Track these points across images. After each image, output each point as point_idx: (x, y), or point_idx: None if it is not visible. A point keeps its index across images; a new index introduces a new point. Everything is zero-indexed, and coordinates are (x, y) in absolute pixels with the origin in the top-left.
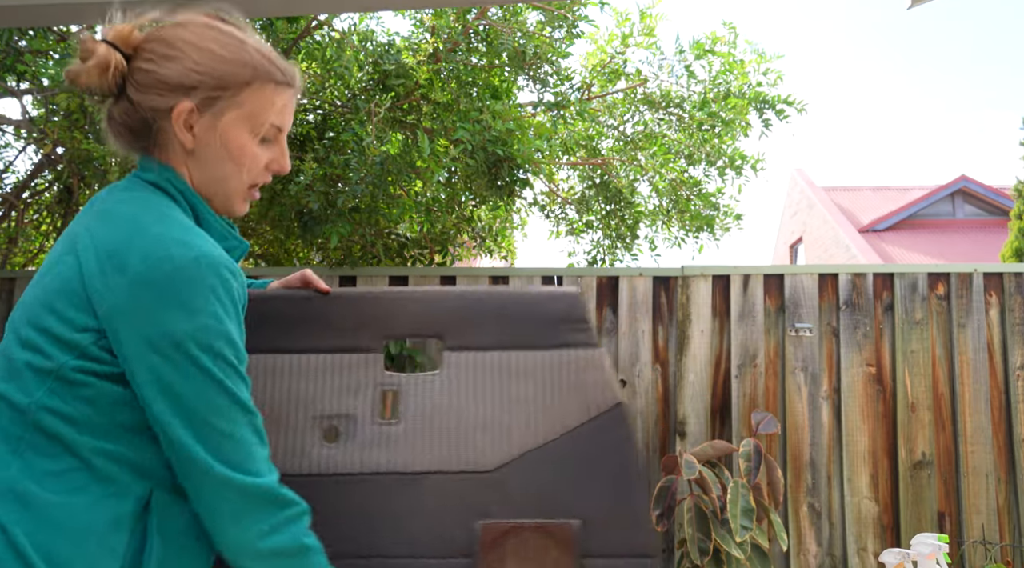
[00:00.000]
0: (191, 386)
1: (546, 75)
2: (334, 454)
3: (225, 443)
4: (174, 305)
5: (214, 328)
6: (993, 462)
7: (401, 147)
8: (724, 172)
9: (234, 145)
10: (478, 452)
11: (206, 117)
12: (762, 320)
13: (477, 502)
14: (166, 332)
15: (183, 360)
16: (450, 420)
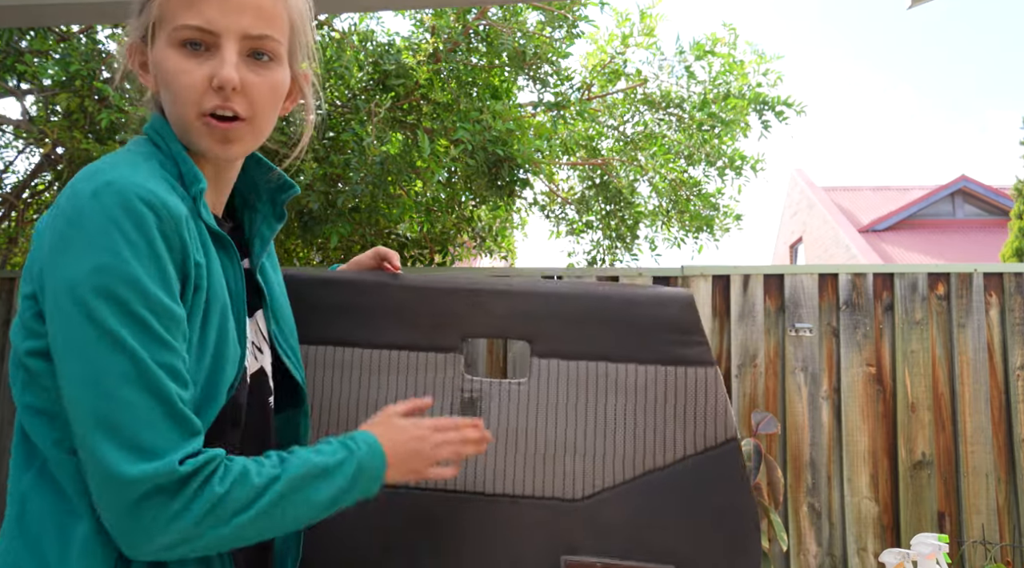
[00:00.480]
0: (82, 342)
1: (546, 75)
2: None
3: (116, 414)
4: (72, 245)
5: (112, 268)
6: (993, 462)
7: (401, 147)
8: (724, 172)
9: (163, 68)
10: (566, 478)
11: (147, 50)
12: (762, 320)
13: (562, 534)
14: (63, 279)
15: (75, 310)
16: (536, 438)
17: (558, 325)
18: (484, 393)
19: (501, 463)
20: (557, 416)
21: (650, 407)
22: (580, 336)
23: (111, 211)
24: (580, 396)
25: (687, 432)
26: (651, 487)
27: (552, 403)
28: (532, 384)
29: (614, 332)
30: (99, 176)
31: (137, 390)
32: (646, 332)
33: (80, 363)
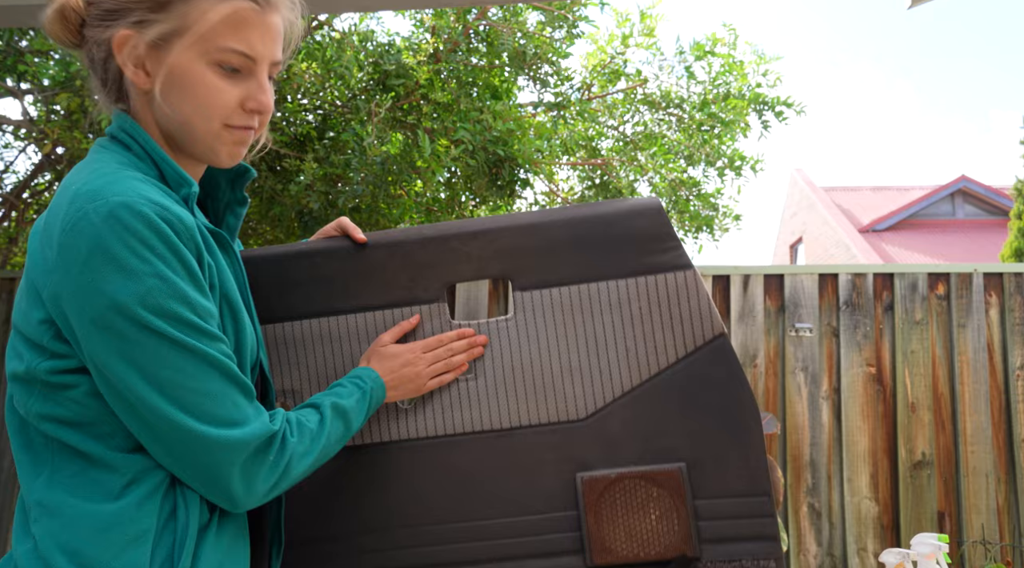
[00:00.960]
0: (152, 354)
1: (546, 75)
2: (413, 419)
3: (205, 402)
4: (108, 271)
5: (162, 289)
6: (993, 462)
7: (402, 147)
8: (723, 173)
9: (188, 80)
10: (568, 401)
11: (155, 50)
12: (762, 320)
13: (573, 454)
14: (109, 303)
15: (135, 329)
16: (533, 369)
17: (534, 256)
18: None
19: (503, 399)
20: (549, 344)
21: (636, 319)
22: (557, 263)
23: (136, 231)
24: (568, 320)
25: (676, 336)
26: (650, 394)
27: (541, 332)
28: (519, 318)
29: (590, 252)
30: (105, 196)
31: (213, 379)
32: (621, 246)
33: (155, 373)
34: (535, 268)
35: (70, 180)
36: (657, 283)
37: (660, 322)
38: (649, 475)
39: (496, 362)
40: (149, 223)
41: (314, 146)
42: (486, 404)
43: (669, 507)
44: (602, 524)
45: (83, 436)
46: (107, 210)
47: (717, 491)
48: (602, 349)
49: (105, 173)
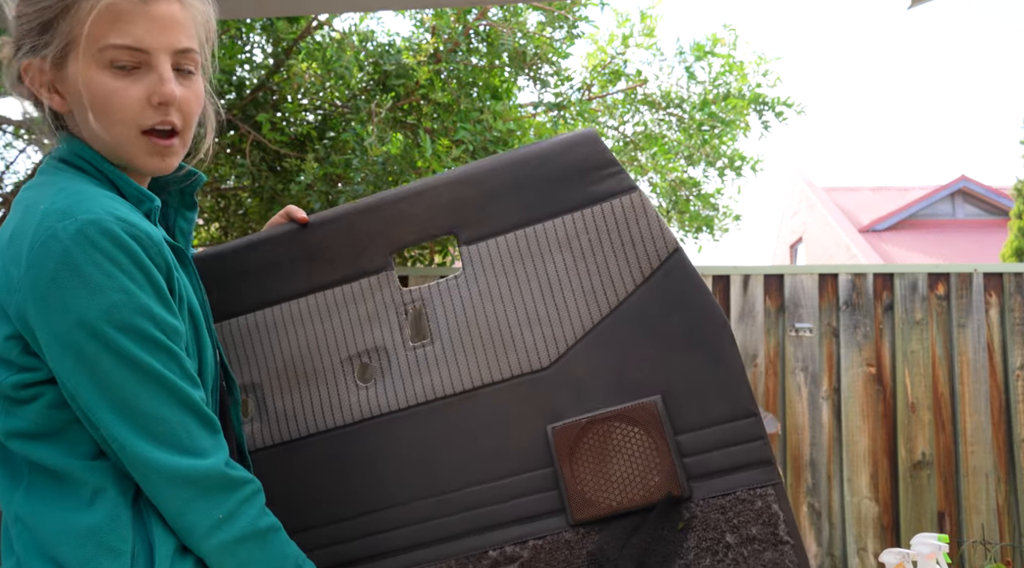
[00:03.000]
0: (113, 373)
1: (546, 75)
2: (374, 394)
3: (158, 427)
4: (73, 287)
5: (126, 304)
6: (993, 462)
7: (402, 147)
8: (723, 173)
9: (90, 90)
10: (530, 350)
11: (57, 70)
12: (762, 320)
13: (542, 405)
14: (75, 320)
15: (99, 346)
16: (489, 324)
17: (476, 207)
18: (426, 300)
19: (462, 360)
20: (503, 296)
21: (588, 252)
22: (500, 210)
23: (104, 249)
24: (518, 267)
25: (630, 262)
26: (614, 328)
27: (493, 284)
28: (469, 273)
29: (531, 193)
30: (74, 213)
31: (171, 406)
32: (561, 182)
33: (114, 393)
34: (478, 220)
35: (34, 200)
36: (604, 212)
37: (612, 251)
38: (623, 414)
39: (451, 322)
40: (116, 240)
41: (314, 146)
42: (444, 368)
43: (648, 445)
44: (579, 475)
45: (47, 448)
46: (75, 228)
47: (698, 421)
48: (557, 291)
49: (73, 192)
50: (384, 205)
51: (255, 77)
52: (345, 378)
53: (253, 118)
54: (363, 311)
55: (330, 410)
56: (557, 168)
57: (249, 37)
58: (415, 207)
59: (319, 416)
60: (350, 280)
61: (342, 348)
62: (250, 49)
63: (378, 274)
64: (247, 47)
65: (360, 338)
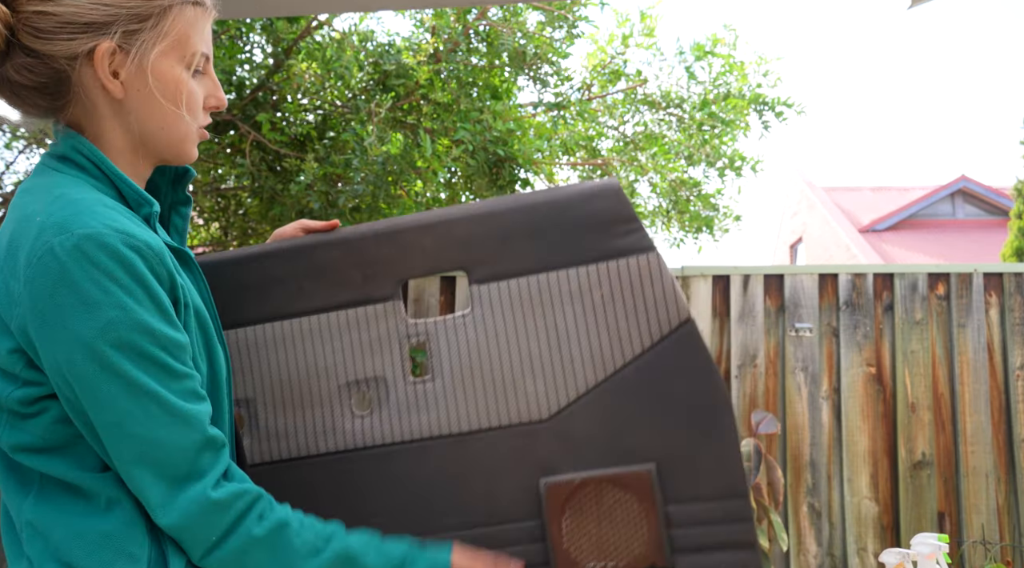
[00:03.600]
0: (108, 392)
1: (546, 75)
2: (368, 424)
3: (149, 450)
4: (71, 304)
5: (123, 321)
6: (993, 462)
7: (402, 147)
8: (724, 173)
9: (171, 84)
10: (530, 400)
11: (131, 58)
12: (762, 320)
13: (538, 457)
14: (72, 338)
15: (95, 365)
16: (492, 367)
17: (490, 246)
18: (431, 334)
19: (462, 400)
20: (508, 340)
21: (599, 308)
22: (514, 252)
23: (101, 264)
24: (527, 314)
25: (640, 325)
26: (616, 389)
27: (500, 328)
28: (477, 313)
29: (547, 239)
30: (71, 228)
31: (167, 427)
32: (579, 232)
33: (111, 413)
34: (491, 259)
35: (31, 208)
36: (619, 268)
37: (624, 311)
38: (617, 478)
39: (454, 361)
40: (114, 254)
41: (314, 146)
42: (443, 406)
43: (639, 513)
44: (567, 533)
45: (56, 461)
46: (72, 244)
47: (690, 494)
48: (564, 343)
49: (70, 201)
50: (397, 233)
51: (255, 77)
52: (341, 404)
53: (253, 118)
54: (365, 338)
55: (323, 434)
56: (576, 217)
57: (249, 37)
58: (428, 239)
59: (311, 439)
60: (355, 305)
61: (340, 373)
62: (250, 49)
63: (384, 303)
64: (247, 47)
65: (360, 365)
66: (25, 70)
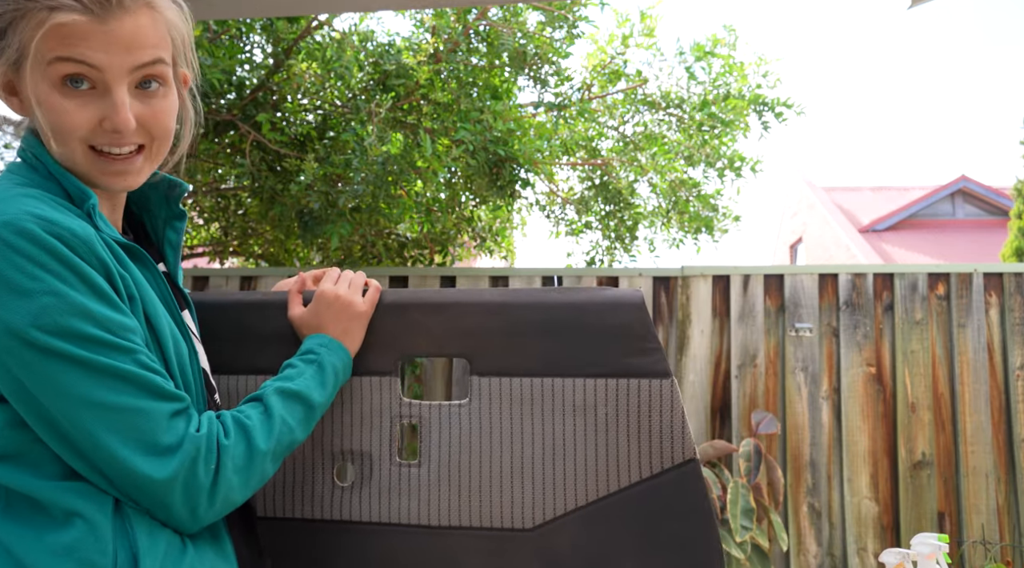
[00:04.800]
0: (60, 377)
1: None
2: (348, 498)
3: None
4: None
5: (57, 306)
6: (993, 462)
7: (402, 147)
8: (723, 173)
9: (42, 103)
10: (515, 506)
11: (15, 75)
12: (762, 320)
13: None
14: (5, 330)
15: (34, 353)
16: (482, 464)
17: (498, 339)
18: (423, 418)
19: (444, 492)
20: (502, 439)
21: (601, 426)
22: (523, 350)
23: (24, 250)
24: (526, 416)
25: (642, 453)
26: (605, 514)
27: (496, 425)
28: (474, 406)
29: (559, 343)
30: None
31: (129, 394)
32: (594, 341)
33: (70, 398)
34: (497, 353)
35: None
36: (629, 389)
37: (627, 434)
38: None
39: (444, 450)
40: (35, 240)
41: (314, 146)
42: (426, 495)
43: None
44: None
45: (9, 470)
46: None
47: None
48: (559, 454)
49: (7, 194)
50: (404, 308)
51: (255, 77)
52: (324, 472)
53: (253, 118)
54: (358, 410)
55: (300, 499)
56: (592, 325)
57: (249, 37)
58: (434, 321)
59: (287, 500)
60: (355, 374)
61: (327, 441)
62: (250, 49)
63: (382, 376)
64: (247, 47)
65: (349, 437)
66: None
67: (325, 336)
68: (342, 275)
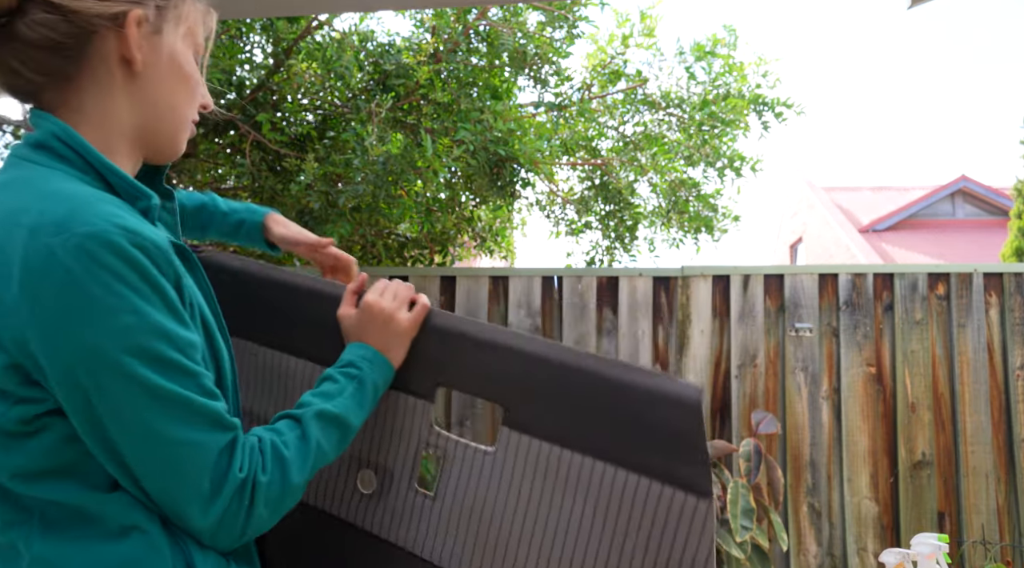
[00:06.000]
0: (132, 403)
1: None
2: (364, 506)
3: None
4: (80, 312)
5: (139, 326)
6: (993, 462)
7: (402, 147)
8: (723, 173)
9: (185, 66)
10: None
11: (154, 34)
12: (762, 320)
13: None
14: (86, 349)
15: (114, 375)
16: (492, 518)
17: (539, 395)
18: (448, 453)
19: (449, 534)
20: (519, 502)
21: (622, 524)
22: (561, 415)
23: (110, 265)
24: (547, 485)
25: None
26: None
27: (516, 484)
28: (499, 456)
29: (602, 421)
30: (70, 227)
31: (189, 426)
32: (636, 430)
33: (136, 423)
34: (535, 409)
35: (12, 205)
36: (662, 495)
37: (646, 543)
38: None
39: (459, 492)
40: (121, 253)
41: (314, 146)
42: (432, 530)
43: None
44: None
45: (59, 485)
46: (75, 244)
47: None
48: (570, 537)
49: (64, 197)
50: (449, 336)
51: (255, 77)
52: (350, 474)
53: (253, 118)
54: (389, 424)
55: (323, 492)
56: (643, 414)
57: (249, 37)
58: (476, 357)
59: (313, 488)
60: (393, 387)
61: (356, 444)
62: (250, 49)
63: (417, 398)
64: (247, 47)
65: (375, 447)
66: (43, 27)
67: (369, 348)
68: (388, 287)
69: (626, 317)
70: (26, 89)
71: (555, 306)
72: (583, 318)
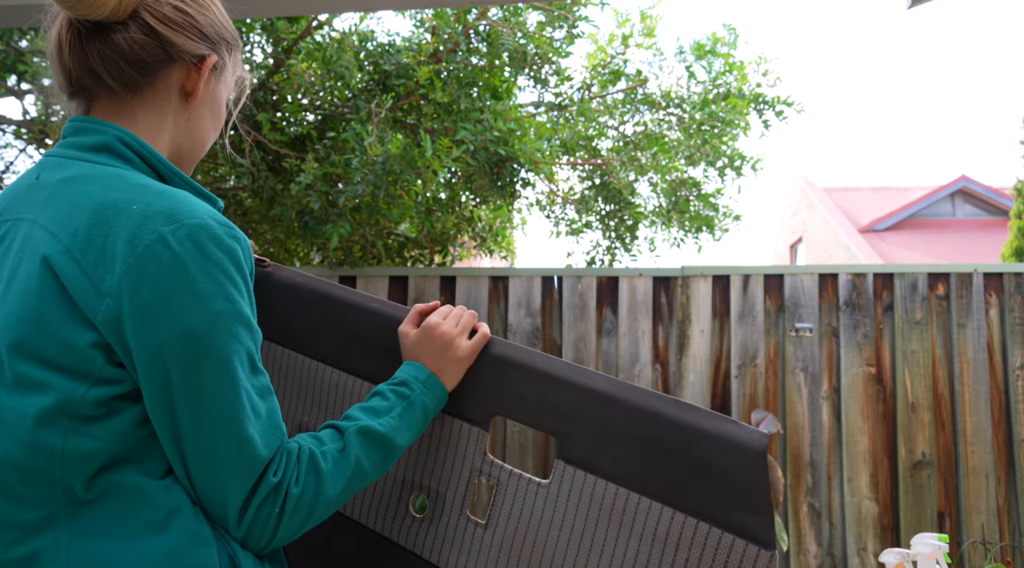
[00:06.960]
0: (212, 385)
1: (546, 75)
2: (415, 529)
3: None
4: (181, 294)
5: (230, 312)
6: (993, 462)
7: (402, 147)
8: (724, 172)
9: (220, 108)
10: None
11: (213, 76)
12: (762, 320)
13: None
14: (181, 329)
15: (203, 356)
16: (544, 553)
17: (597, 431)
18: (501, 483)
19: (502, 565)
20: (571, 537)
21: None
22: (619, 453)
23: (212, 255)
24: (601, 523)
25: None
26: None
27: (569, 519)
28: (552, 490)
29: (661, 461)
30: (180, 217)
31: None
32: (697, 474)
33: (214, 405)
34: (592, 445)
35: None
36: (721, 543)
37: None
38: None
39: (512, 523)
40: (222, 245)
41: (314, 146)
42: (482, 558)
43: None
44: None
45: (122, 468)
46: (185, 233)
47: None
48: None
49: (164, 192)
50: (508, 366)
51: (255, 77)
52: (402, 497)
53: (253, 118)
54: (443, 449)
55: (374, 511)
56: (704, 457)
57: (249, 37)
58: (534, 389)
59: (363, 507)
60: (448, 412)
61: (411, 468)
62: (250, 49)
63: (472, 426)
64: (247, 47)
65: (429, 471)
66: (137, 45)
67: (424, 369)
68: (452, 312)
69: (626, 317)
70: (91, 91)
71: (555, 306)
72: (583, 318)
